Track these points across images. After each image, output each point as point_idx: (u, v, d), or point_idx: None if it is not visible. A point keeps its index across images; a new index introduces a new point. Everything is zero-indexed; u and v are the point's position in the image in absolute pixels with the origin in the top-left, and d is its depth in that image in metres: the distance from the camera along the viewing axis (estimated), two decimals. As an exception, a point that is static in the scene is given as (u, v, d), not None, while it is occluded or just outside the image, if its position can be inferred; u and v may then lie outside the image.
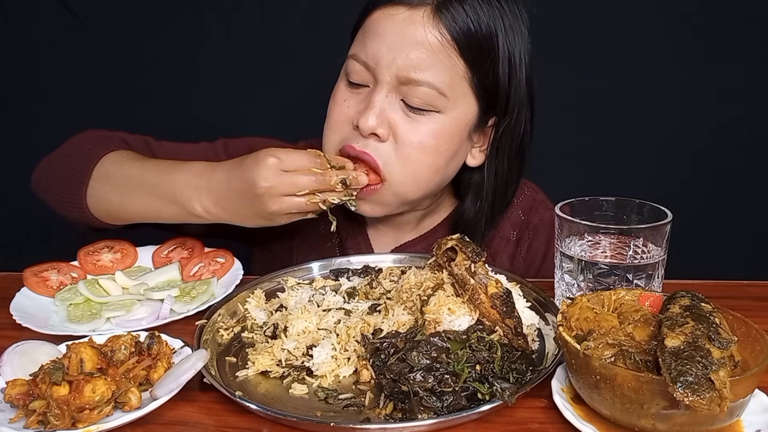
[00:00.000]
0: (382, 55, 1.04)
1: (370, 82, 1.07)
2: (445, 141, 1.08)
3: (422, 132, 1.06)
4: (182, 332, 0.92)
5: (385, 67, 1.04)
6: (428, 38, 1.02)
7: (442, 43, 1.03)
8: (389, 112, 1.05)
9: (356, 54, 1.08)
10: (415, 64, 1.03)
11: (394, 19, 1.04)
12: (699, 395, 0.60)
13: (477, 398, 0.75)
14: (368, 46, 1.06)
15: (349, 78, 1.09)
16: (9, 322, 0.96)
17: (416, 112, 1.06)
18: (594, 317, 0.80)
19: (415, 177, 1.09)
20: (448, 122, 1.07)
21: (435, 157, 1.09)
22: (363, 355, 0.84)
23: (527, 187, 1.31)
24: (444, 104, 1.06)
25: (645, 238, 0.92)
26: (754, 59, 1.72)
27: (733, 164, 1.80)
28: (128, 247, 1.21)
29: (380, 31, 1.05)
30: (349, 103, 1.09)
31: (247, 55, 1.78)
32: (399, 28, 1.03)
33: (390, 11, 1.04)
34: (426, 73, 1.03)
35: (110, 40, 1.78)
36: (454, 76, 1.05)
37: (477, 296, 0.85)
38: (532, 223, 1.28)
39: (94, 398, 0.72)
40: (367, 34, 1.07)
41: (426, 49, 1.03)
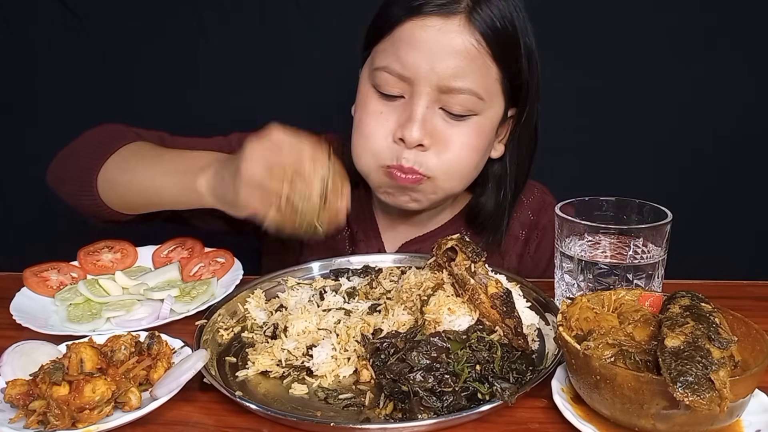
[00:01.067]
0: (420, 66, 1.04)
1: (405, 93, 1.08)
2: (482, 140, 1.12)
3: (463, 135, 1.09)
4: (182, 332, 0.92)
5: (423, 77, 1.04)
6: (466, 46, 1.03)
7: (478, 49, 1.04)
8: (431, 121, 1.07)
9: (389, 66, 1.07)
10: (455, 72, 1.04)
11: (429, 29, 1.03)
12: (699, 395, 0.60)
13: (477, 398, 0.75)
14: (403, 58, 1.05)
15: (381, 90, 1.09)
16: (9, 322, 0.96)
17: (456, 119, 1.08)
18: (594, 317, 0.80)
19: (459, 176, 1.13)
20: (484, 123, 1.11)
21: (475, 156, 1.12)
22: (363, 355, 0.84)
23: (537, 189, 1.34)
24: (481, 107, 1.08)
25: (645, 238, 0.92)
26: (755, 59, 1.72)
27: (733, 164, 1.80)
28: (128, 247, 1.21)
29: (415, 42, 1.04)
30: (386, 116, 1.09)
31: (246, 55, 1.78)
32: (435, 38, 1.03)
33: (424, 22, 1.04)
34: (466, 81, 1.05)
35: (110, 40, 1.78)
36: (489, 80, 1.08)
37: (477, 296, 0.85)
38: (541, 223, 1.30)
39: (94, 398, 0.72)
40: (399, 45, 1.06)
41: (464, 57, 1.04)
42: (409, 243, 1.27)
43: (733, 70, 1.72)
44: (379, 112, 1.10)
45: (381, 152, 1.10)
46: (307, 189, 0.85)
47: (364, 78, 1.14)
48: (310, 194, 0.85)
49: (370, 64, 1.12)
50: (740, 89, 1.74)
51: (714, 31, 1.70)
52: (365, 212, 1.31)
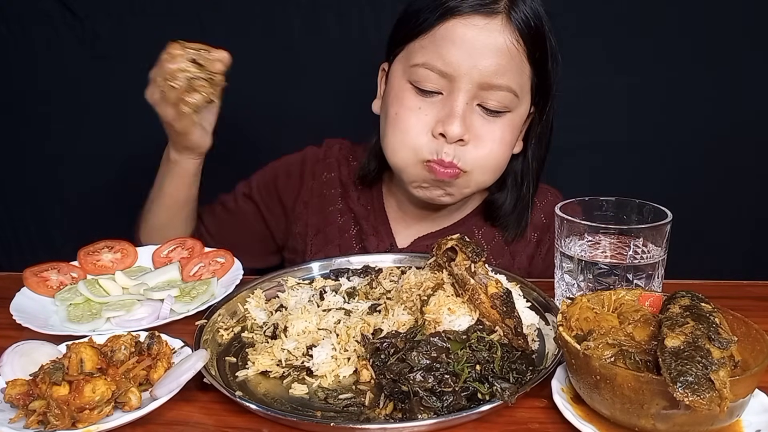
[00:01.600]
0: (462, 63, 1.07)
1: (444, 89, 1.10)
2: (514, 135, 1.17)
3: (499, 131, 1.13)
4: (182, 332, 0.92)
5: (465, 74, 1.07)
6: (507, 44, 1.07)
7: (517, 48, 1.08)
8: (469, 117, 1.11)
9: (429, 62, 1.09)
10: (496, 70, 1.08)
11: (472, 27, 1.06)
12: (699, 395, 0.60)
13: (477, 398, 0.75)
14: (445, 55, 1.07)
15: (419, 86, 1.11)
16: (9, 322, 0.96)
17: (493, 114, 1.12)
18: (594, 317, 0.80)
19: (493, 170, 1.18)
20: (515, 119, 1.16)
21: (507, 151, 1.18)
22: (363, 355, 0.84)
23: (550, 193, 1.36)
24: (516, 104, 1.13)
25: (645, 238, 0.92)
26: (755, 60, 1.72)
27: (733, 164, 1.80)
28: (128, 247, 1.21)
29: (458, 39, 1.07)
30: (425, 111, 1.12)
31: (246, 55, 1.78)
32: (478, 36, 1.06)
33: (467, 20, 1.07)
34: (505, 78, 1.09)
35: (110, 40, 1.78)
36: (523, 78, 1.12)
37: (477, 296, 0.85)
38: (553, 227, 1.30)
39: (94, 398, 0.72)
40: (441, 42, 1.08)
41: (505, 55, 1.08)
42: (422, 239, 1.29)
43: (735, 71, 1.72)
44: (417, 107, 1.12)
45: (420, 147, 1.13)
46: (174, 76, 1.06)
47: (398, 74, 1.15)
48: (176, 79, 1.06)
49: (405, 60, 1.14)
50: (741, 90, 1.74)
51: (715, 31, 1.70)
52: (375, 209, 1.32)
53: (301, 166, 1.38)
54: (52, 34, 1.78)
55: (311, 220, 1.34)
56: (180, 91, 1.06)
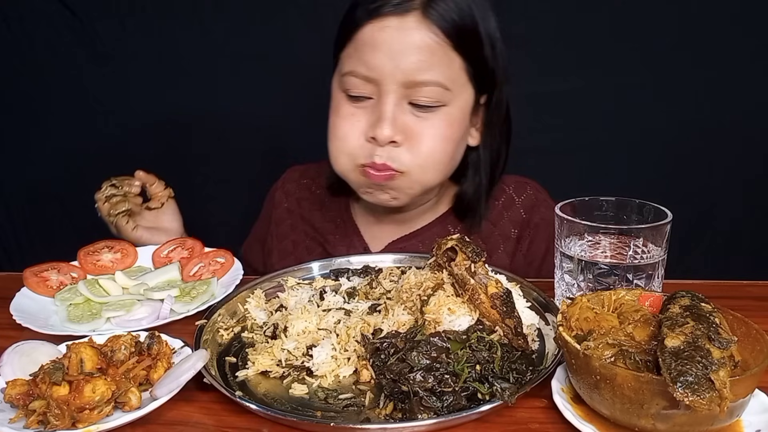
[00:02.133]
0: (384, 65, 1.07)
1: (373, 94, 1.11)
2: (455, 129, 1.14)
3: (434, 127, 1.11)
4: (182, 332, 0.92)
5: (389, 76, 1.07)
6: (425, 40, 1.06)
7: (437, 42, 1.07)
8: (401, 117, 1.10)
9: (354, 70, 1.10)
10: (418, 67, 1.07)
11: (387, 29, 1.06)
12: (699, 395, 0.60)
13: (477, 398, 0.75)
14: (367, 61, 1.08)
15: (350, 93, 1.12)
16: (9, 322, 0.96)
17: (425, 111, 1.10)
18: (594, 317, 0.79)
19: (434, 168, 1.15)
20: (453, 112, 1.13)
21: (448, 146, 1.15)
22: (363, 355, 0.84)
23: (530, 187, 1.34)
24: (449, 97, 1.11)
25: (645, 238, 0.92)
26: (755, 60, 1.72)
27: (733, 164, 1.80)
28: (128, 247, 1.21)
29: (376, 43, 1.07)
30: (357, 117, 1.13)
31: (247, 55, 1.78)
32: (394, 36, 1.06)
33: (381, 23, 1.07)
34: (430, 73, 1.07)
35: (110, 40, 1.78)
36: (453, 70, 1.10)
37: (477, 296, 0.85)
38: (533, 221, 1.30)
39: (94, 398, 0.72)
40: (362, 49, 1.09)
41: (425, 51, 1.06)
42: (395, 242, 1.28)
43: (734, 71, 1.73)
44: (351, 114, 1.13)
45: (355, 152, 1.13)
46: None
47: (335, 85, 1.17)
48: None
49: (339, 70, 1.15)
50: (741, 90, 1.74)
51: (715, 31, 1.70)
52: (344, 219, 1.33)
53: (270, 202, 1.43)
54: (52, 34, 1.78)
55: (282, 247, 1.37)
56: (105, 210, 1.24)
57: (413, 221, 1.30)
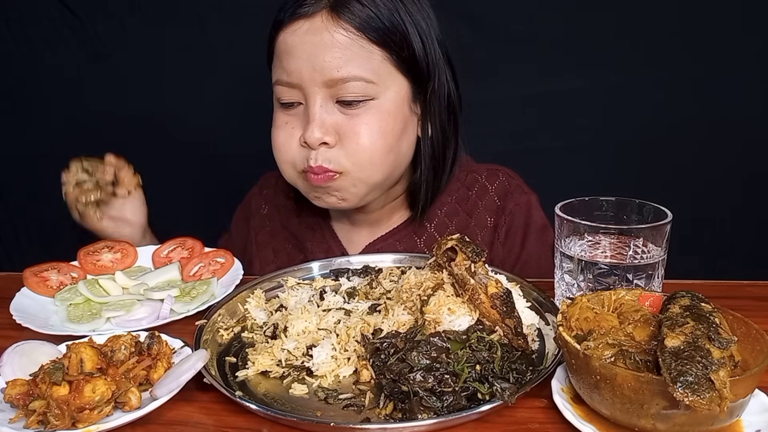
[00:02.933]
0: (302, 69, 1.08)
1: (300, 98, 1.11)
2: (388, 122, 1.12)
3: (365, 122, 1.10)
4: (182, 332, 0.92)
5: (308, 79, 1.08)
6: (336, 38, 1.06)
7: (349, 37, 1.07)
8: (330, 118, 1.10)
9: (279, 78, 1.12)
10: (334, 64, 1.06)
11: (298, 32, 1.08)
12: (699, 395, 0.60)
13: (477, 398, 0.75)
14: (286, 67, 1.10)
15: (280, 101, 1.14)
16: (9, 322, 0.96)
17: (353, 107, 1.10)
18: (594, 317, 0.80)
19: (371, 163, 1.13)
20: (385, 104, 1.11)
21: (384, 139, 1.12)
22: (363, 355, 0.84)
23: (502, 173, 1.33)
24: (375, 90, 1.10)
25: (645, 238, 0.92)
26: (754, 59, 1.72)
27: (733, 164, 1.80)
28: (128, 247, 1.21)
29: (290, 48, 1.09)
30: (291, 125, 1.14)
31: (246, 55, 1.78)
32: (305, 39, 1.07)
33: (292, 28, 1.09)
34: (347, 69, 1.07)
35: (110, 40, 1.78)
36: (373, 62, 1.09)
37: (477, 296, 0.85)
38: (507, 208, 1.29)
39: (94, 398, 0.72)
40: (280, 56, 1.11)
41: (338, 48, 1.06)
42: (373, 243, 1.28)
43: (734, 71, 1.73)
44: (285, 122, 1.15)
45: (294, 159, 1.14)
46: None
47: (273, 96, 1.17)
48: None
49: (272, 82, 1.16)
50: (740, 90, 1.74)
51: (714, 31, 1.70)
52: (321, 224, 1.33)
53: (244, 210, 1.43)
54: (52, 34, 1.78)
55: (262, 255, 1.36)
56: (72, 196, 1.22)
57: (385, 221, 1.31)
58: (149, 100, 1.83)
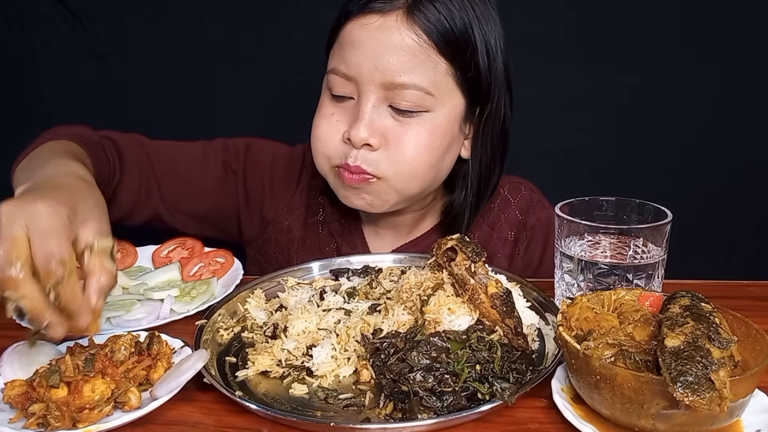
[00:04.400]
0: (363, 64, 1.04)
1: (354, 93, 1.08)
2: (437, 138, 1.09)
3: (414, 133, 1.07)
4: (182, 332, 0.92)
5: (367, 76, 1.05)
6: (405, 41, 1.03)
7: (419, 44, 1.03)
8: (379, 120, 1.07)
9: (335, 68, 1.08)
10: (397, 68, 1.03)
11: (368, 27, 1.04)
12: (699, 395, 0.60)
13: (477, 398, 0.75)
14: (347, 58, 1.06)
15: (332, 92, 1.10)
16: (9, 322, 0.96)
17: (406, 115, 1.07)
18: (594, 317, 0.80)
19: (412, 176, 1.10)
20: (438, 119, 1.08)
21: (429, 154, 1.09)
22: (363, 355, 0.84)
23: (524, 187, 1.31)
24: (432, 103, 1.07)
25: (645, 238, 0.92)
26: (754, 60, 1.72)
27: (733, 164, 1.80)
28: (128, 247, 1.21)
29: (356, 41, 1.05)
30: (337, 117, 1.10)
31: (247, 55, 1.78)
32: (375, 35, 1.04)
33: (363, 21, 1.05)
34: (410, 76, 1.04)
35: (110, 40, 1.78)
36: (437, 74, 1.06)
37: (477, 296, 0.85)
38: (529, 223, 1.28)
39: (94, 398, 0.72)
40: (343, 46, 1.07)
41: (405, 52, 1.03)
42: (395, 251, 1.26)
43: (734, 71, 1.72)
44: (331, 113, 1.11)
45: (332, 153, 1.11)
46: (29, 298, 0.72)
47: (323, 84, 1.14)
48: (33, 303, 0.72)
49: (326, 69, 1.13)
50: (740, 90, 1.74)
51: (714, 31, 1.70)
52: (351, 223, 1.29)
53: (301, 167, 1.34)
54: (52, 34, 1.78)
55: (295, 231, 1.30)
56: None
57: (412, 230, 1.28)
58: (149, 100, 1.83)
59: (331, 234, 1.30)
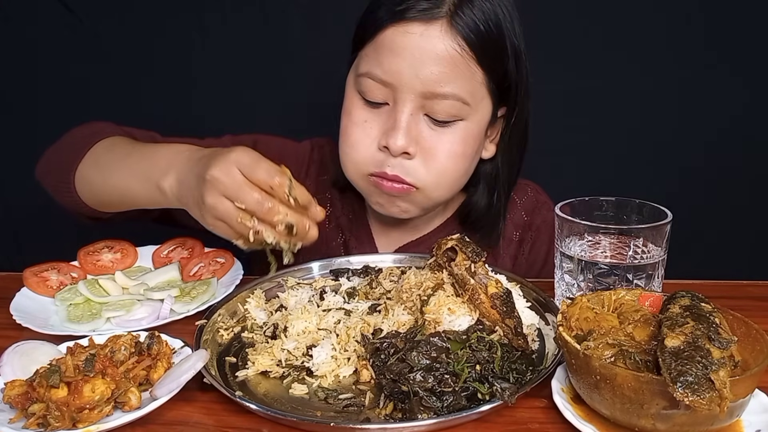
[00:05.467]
0: (403, 72, 1.02)
1: (389, 99, 1.06)
2: (470, 145, 1.10)
3: (449, 142, 1.07)
4: (182, 332, 0.92)
5: (406, 84, 1.03)
6: (449, 51, 1.01)
7: (461, 54, 1.02)
8: (415, 128, 1.06)
9: (371, 72, 1.05)
10: (438, 78, 1.02)
11: (411, 36, 1.01)
12: (699, 395, 0.60)
13: (477, 398, 0.75)
14: (385, 64, 1.03)
15: (365, 97, 1.08)
16: (9, 322, 0.96)
17: (441, 125, 1.07)
18: (594, 317, 0.80)
19: (448, 185, 1.12)
20: (471, 127, 1.09)
21: (463, 163, 1.11)
22: (363, 355, 0.84)
23: (530, 189, 1.32)
24: (467, 112, 1.07)
25: (645, 238, 0.92)
26: (755, 59, 1.72)
27: (733, 164, 1.80)
28: (128, 247, 1.21)
29: (397, 48, 1.02)
30: (370, 124, 1.08)
31: (247, 55, 1.78)
32: (417, 44, 1.01)
33: (405, 28, 1.02)
34: (450, 86, 1.03)
35: (110, 40, 1.78)
36: (474, 84, 1.06)
37: (477, 296, 0.85)
38: (534, 224, 1.29)
39: (94, 398, 0.72)
40: (381, 51, 1.04)
41: (447, 62, 1.02)
42: (403, 247, 1.26)
43: (734, 71, 1.72)
44: (364, 120, 1.09)
45: (366, 161, 1.10)
46: (270, 225, 0.88)
47: (350, 83, 1.12)
48: (272, 229, 0.88)
49: (355, 69, 1.11)
50: (740, 90, 1.74)
51: (714, 31, 1.70)
52: (358, 219, 1.29)
53: (308, 161, 1.33)
54: (52, 34, 1.78)
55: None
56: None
57: (421, 227, 1.28)
58: (149, 100, 1.83)
59: (339, 228, 1.29)
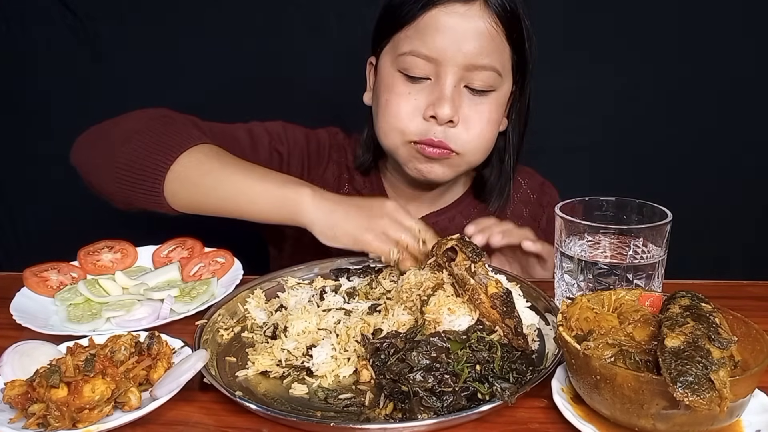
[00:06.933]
0: (447, 48, 1.13)
1: (431, 74, 1.17)
2: (499, 114, 1.24)
3: (486, 111, 1.20)
4: (182, 332, 0.92)
5: (451, 58, 1.14)
6: (486, 27, 1.14)
7: (496, 30, 1.15)
8: (458, 98, 1.17)
9: (415, 50, 1.16)
10: (479, 51, 1.14)
11: (454, 15, 1.14)
12: (699, 395, 0.60)
13: (477, 398, 0.75)
14: (430, 42, 1.14)
15: (408, 73, 1.18)
16: (9, 322, 0.96)
17: (479, 94, 1.19)
18: (594, 317, 0.80)
19: (482, 149, 1.25)
20: (500, 97, 1.22)
21: (495, 129, 1.24)
22: (363, 355, 0.84)
23: (528, 172, 1.44)
24: (499, 82, 1.20)
25: (645, 238, 0.92)
26: (755, 59, 1.72)
27: (733, 164, 1.80)
28: (128, 247, 1.21)
29: (441, 27, 1.14)
30: (414, 96, 1.18)
31: (247, 55, 1.78)
32: (460, 22, 1.13)
33: (448, 8, 1.14)
34: (488, 58, 1.16)
35: (110, 40, 1.78)
36: (504, 57, 1.19)
37: (477, 296, 0.85)
38: (544, 200, 1.41)
39: (94, 398, 0.72)
40: (425, 30, 1.15)
41: (486, 37, 1.15)
42: (434, 214, 1.36)
43: (733, 71, 1.73)
44: (407, 92, 1.19)
45: (410, 129, 1.19)
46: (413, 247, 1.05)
47: (387, 65, 1.21)
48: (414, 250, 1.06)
49: (393, 51, 1.20)
50: (740, 90, 1.74)
51: (714, 31, 1.70)
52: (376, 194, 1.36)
53: (329, 146, 1.42)
54: (52, 34, 1.78)
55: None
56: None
57: (435, 201, 1.38)
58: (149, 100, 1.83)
59: None
